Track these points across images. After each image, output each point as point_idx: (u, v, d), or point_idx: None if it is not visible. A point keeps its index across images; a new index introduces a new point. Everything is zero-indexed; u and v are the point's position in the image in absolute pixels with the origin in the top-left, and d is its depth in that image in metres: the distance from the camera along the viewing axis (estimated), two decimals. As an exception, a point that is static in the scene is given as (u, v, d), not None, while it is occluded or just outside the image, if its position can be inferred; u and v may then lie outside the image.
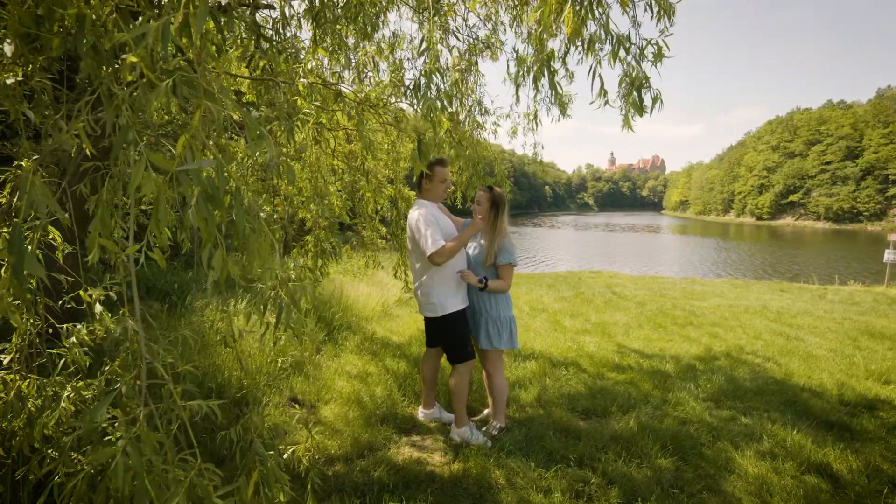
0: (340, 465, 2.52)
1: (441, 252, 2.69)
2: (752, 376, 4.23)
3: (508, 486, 2.35)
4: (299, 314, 1.10)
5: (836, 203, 66.44)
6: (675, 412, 3.31)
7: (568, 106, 3.26)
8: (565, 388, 3.80)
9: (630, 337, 5.69)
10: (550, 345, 5.10)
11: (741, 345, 5.40)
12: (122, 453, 0.73)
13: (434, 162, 2.90)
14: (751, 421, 3.24)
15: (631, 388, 3.77)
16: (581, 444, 2.74)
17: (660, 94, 1.95)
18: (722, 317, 7.24)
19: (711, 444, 2.85)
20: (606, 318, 6.83)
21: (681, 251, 31.06)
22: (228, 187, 0.78)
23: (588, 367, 4.40)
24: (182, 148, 0.75)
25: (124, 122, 0.76)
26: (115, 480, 0.72)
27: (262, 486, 1.03)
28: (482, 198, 3.00)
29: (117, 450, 0.74)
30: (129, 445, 0.74)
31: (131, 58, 0.75)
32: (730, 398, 3.66)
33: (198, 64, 0.82)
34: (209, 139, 0.79)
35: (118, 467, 0.72)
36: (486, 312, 2.97)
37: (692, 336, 5.78)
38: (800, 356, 5.01)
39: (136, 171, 0.72)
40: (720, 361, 4.71)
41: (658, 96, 1.94)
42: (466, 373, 2.91)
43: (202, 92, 0.77)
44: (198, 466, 0.85)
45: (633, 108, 1.91)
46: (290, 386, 3.59)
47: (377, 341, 5.04)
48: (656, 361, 4.58)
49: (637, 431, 2.92)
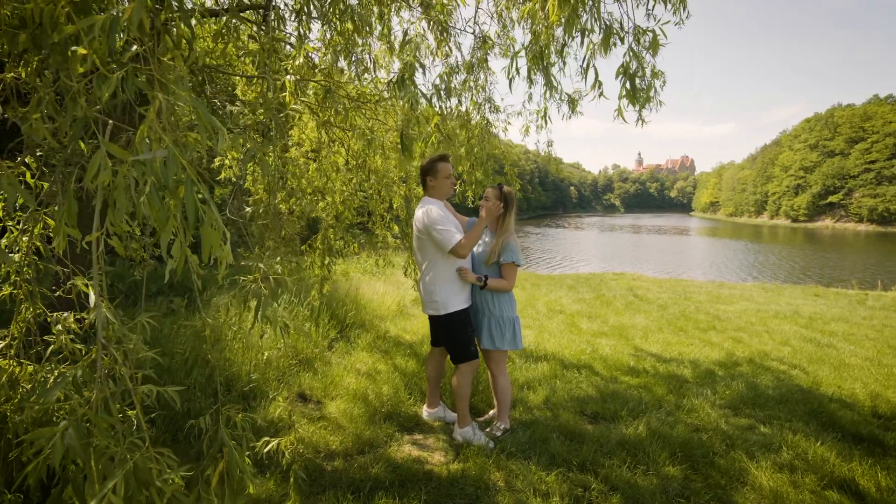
0: (340, 461, 2.53)
1: (463, 245, 2.69)
2: (775, 384, 4.03)
3: (506, 489, 2.30)
4: (275, 307, 1.10)
5: (881, 204, 62.91)
6: (688, 418, 3.18)
7: (578, 103, 3.18)
8: (575, 390, 3.71)
9: (648, 340, 5.52)
10: (564, 346, 5.00)
11: (766, 351, 5.17)
12: (61, 433, 0.75)
13: (436, 158, 2.88)
14: (770, 430, 3.08)
15: (644, 393, 3.65)
16: (585, 448, 2.66)
17: (654, 85, 1.87)
18: (748, 321, 6.95)
19: (725, 454, 2.72)
20: (625, 321, 6.65)
21: (709, 253, 30.02)
22: (179, 177, 0.78)
23: (601, 369, 4.29)
24: (139, 139, 0.76)
25: (80, 113, 0.78)
26: (53, 458, 0.73)
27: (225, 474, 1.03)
28: (490, 194, 2.97)
29: (57, 430, 0.75)
30: (71, 426, 0.76)
31: (81, 50, 0.77)
32: (749, 406, 3.50)
33: (152, 56, 0.83)
34: (165, 130, 0.80)
35: (56, 446, 0.74)
36: (489, 312, 2.93)
37: (714, 341, 5.57)
38: (831, 364, 4.75)
39: (94, 160, 0.73)
40: (742, 367, 4.52)
41: (652, 86, 1.86)
42: (469, 373, 2.88)
43: (156, 85, 0.77)
44: (146, 448, 0.86)
45: (627, 98, 1.84)
46: (299, 382, 3.64)
47: (389, 340, 5.05)
48: (673, 366, 4.43)
49: (646, 437, 2.82)
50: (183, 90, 0.82)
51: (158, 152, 0.76)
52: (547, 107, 3.18)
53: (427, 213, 2.74)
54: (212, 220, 0.82)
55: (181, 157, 0.77)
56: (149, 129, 0.77)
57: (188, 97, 0.82)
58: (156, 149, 0.77)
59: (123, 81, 0.76)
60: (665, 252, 30.39)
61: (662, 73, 3.55)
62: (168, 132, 0.77)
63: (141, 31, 0.77)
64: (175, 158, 0.76)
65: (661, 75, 3.53)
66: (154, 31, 0.85)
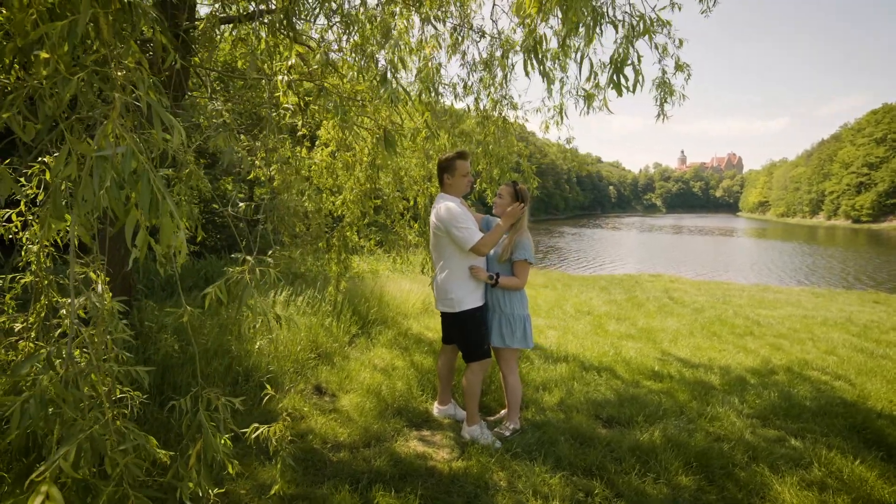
0: (345, 453, 2.58)
1: (485, 243, 2.70)
2: (814, 395, 3.76)
3: (507, 489, 2.27)
4: (257, 296, 1.14)
5: (957, 204, 57.31)
6: (710, 427, 3.03)
7: (595, 98, 3.09)
8: (593, 393, 3.61)
9: (677, 344, 5.30)
10: (587, 348, 4.88)
11: (808, 359, 4.83)
12: (22, 403, 0.81)
13: (455, 155, 2.88)
14: (802, 444, 2.88)
15: (665, 399, 3.50)
16: (594, 452, 2.59)
17: (641, 72, 1.78)
18: (791, 328, 6.52)
19: (746, 466, 2.57)
20: (655, 324, 6.41)
21: (755, 256, 28.30)
22: (137, 171, 0.83)
23: (623, 373, 4.16)
24: (100, 135, 0.81)
25: (49, 112, 0.84)
26: (12, 425, 0.80)
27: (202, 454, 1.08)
28: (504, 192, 2.95)
29: (19, 399, 0.82)
30: (34, 398, 0.82)
31: (43, 54, 0.83)
32: (781, 417, 3.28)
33: (111, 59, 0.88)
34: (125, 128, 0.85)
35: (15, 414, 0.81)
36: (500, 310, 2.90)
37: (750, 347, 5.26)
38: (883, 377, 4.37)
39: (60, 155, 0.79)
40: (778, 376, 4.25)
41: (639, 75, 1.78)
42: (480, 371, 2.86)
43: (117, 85, 0.82)
44: (105, 420, 0.92)
45: (614, 87, 1.76)
46: (316, 375, 3.74)
47: (411, 337, 5.09)
48: (701, 372, 4.23)
49: (660, 444, 2.70)
50: (144, 91, 0.88)
51: (119, 148, 0.81)
52: (563, 102, 3.12)
53: (447, 210, 2.74)
54: (167, 210, 0.87)
55: (139, 153, 0.83)
56: (111, 127, 0.83)
57: (152, 97, 0.87)
58: (116, 145, 0.82)
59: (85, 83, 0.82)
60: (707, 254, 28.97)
61: (688, 66, 3.41)
62: (127, 130, 0.82)
63: (99, 35, 0.82)
64: (133, 153, 0.81)
65: (686, 68, 3.39)
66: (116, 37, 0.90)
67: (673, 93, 3.07)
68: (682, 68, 3.20)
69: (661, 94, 3.03)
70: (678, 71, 3.19)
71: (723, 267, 21.69)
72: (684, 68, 3.20)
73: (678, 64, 3.17)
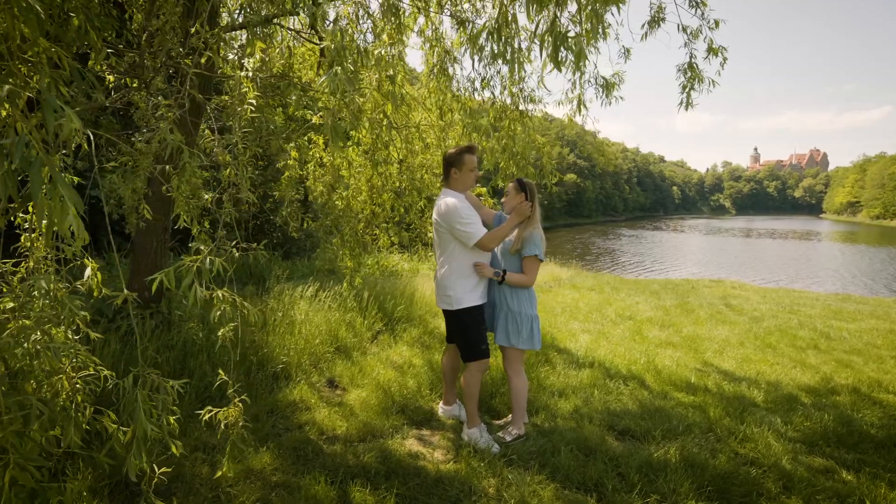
0: (339, 446, 2.58)
1: (490, 238, 2.66)
2: (883, 422, 3.25)
3: (493, 496, 2.16)
4: (195, 286, 1.15)
5: None
6: (739, 448, 2.71)
7: (615, 87, 2.87)
8: (613, 403, 3.37)
9: (723, 355, 4.84)
10: (617, 355, 4.58)
11: (883, 381, 4.21)
12: None
13: (463, 149, 2.83)
14: (855, 479, 2.49)
15: (694, 413, 3.19)
16: (595, 466, 2.39)
17: (584, 47, 1.59)
18: (869, 342, 5.75)
19: (774, 497, 2.26)
20: (702, 332, 5.91)
21: (838, 262, 25.32)
22: (36, 158, 0.87)
23: (652, 383, 3.86)
24: None
25: None
26: None
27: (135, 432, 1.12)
28: (510, 189, 2.86)
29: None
30: None
31: None
32: (833, 444, 2.87)
33: (8, 53, 0.92)
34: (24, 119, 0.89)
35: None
36: (507, 307, 2.79)
37: (810, 362, 4.69)
38: (977, 405, 3.72)
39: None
40: (839, 397, 3.74)
41: (582, 48, 1.59)
42: (478, 371, 2.76)
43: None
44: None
45: (551, 60, 1.59)
46: (331, 368, 3.81)
47: (436, 336, 5.06)
48: (743, 386, 3.82)
49: (674, 462, 2.45)
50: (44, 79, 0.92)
51: (13, 138, 0.85)
52: (582, 93, 2.92)
53: (450, 205, 2.69)
54: (58, 194, 0.90)
55: (37, 142, 0.86)
56: (9, 116, 0.87)
57: (50, 85, 0.91)
58: (11, 135, 0.86)
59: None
60: (780, 259, 26.40)
61: (723, 49, 3.08)
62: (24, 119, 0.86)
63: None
64: (23, 143, 0.85)
65: (721, 51, 3.06)
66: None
67: (702, 79, 2.78)
68: (715, 52, 2.89)
69: (687, 81, 2.75)
70: (711, 55, 2.88)
71: (796, 273, 19.67)
72: (718, 52, 2.89)
73: (711, 48, 2.87)
